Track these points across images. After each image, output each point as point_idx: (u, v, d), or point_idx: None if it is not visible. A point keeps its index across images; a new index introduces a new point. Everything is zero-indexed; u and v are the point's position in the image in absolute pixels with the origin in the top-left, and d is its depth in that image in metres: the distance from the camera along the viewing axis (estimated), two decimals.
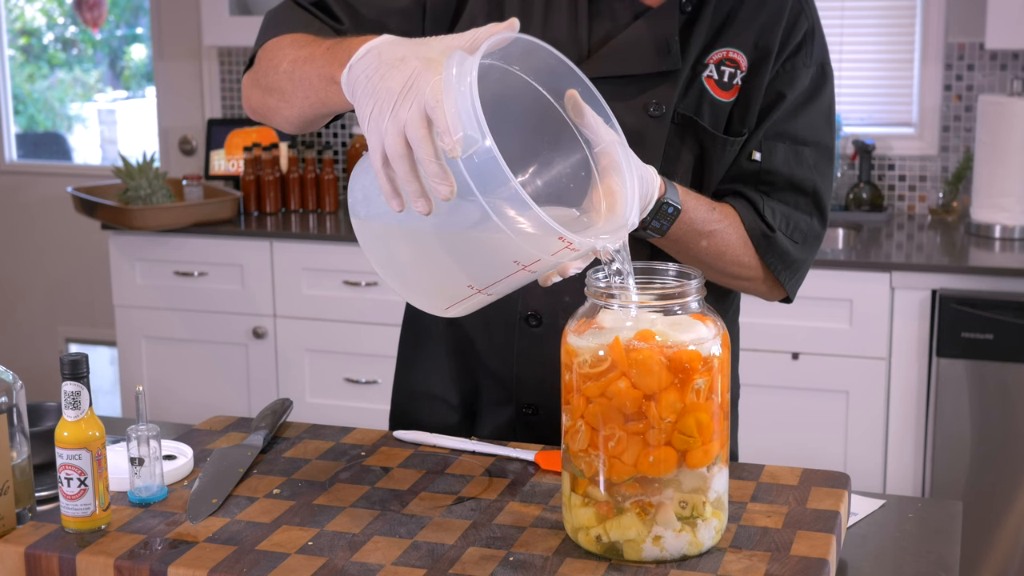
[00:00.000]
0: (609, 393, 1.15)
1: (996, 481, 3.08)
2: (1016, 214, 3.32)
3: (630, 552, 1.18)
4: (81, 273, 4.74)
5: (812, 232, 1.60)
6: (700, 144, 1.56)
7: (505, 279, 1.22)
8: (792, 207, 1.58)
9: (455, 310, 1.30)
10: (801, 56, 1.56)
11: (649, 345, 1.14)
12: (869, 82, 3.76)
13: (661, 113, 1.53)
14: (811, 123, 1.59)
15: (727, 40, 1.55)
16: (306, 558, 1.20)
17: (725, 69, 1.54)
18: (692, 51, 1.54)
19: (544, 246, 1.15)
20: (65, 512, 1.26)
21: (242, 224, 3.75)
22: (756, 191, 1.57)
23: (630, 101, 1.53)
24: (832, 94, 1.62)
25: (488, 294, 1.26)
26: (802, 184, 1.58)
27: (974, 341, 3.01)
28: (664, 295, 1.18)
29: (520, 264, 1.18)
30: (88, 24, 5.26)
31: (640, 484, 1.16)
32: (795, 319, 3.17)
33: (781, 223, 1.57)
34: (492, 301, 1.29)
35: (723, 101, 1.55)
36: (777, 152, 1.57)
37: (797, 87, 1.56)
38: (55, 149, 6.22)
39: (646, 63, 1.52)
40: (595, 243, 1.18)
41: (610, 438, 1.16)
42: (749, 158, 1.56)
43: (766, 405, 3.19)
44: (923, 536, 1.40)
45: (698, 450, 1.17)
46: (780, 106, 1.56)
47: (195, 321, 3.75)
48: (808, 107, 1.58)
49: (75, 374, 1.25)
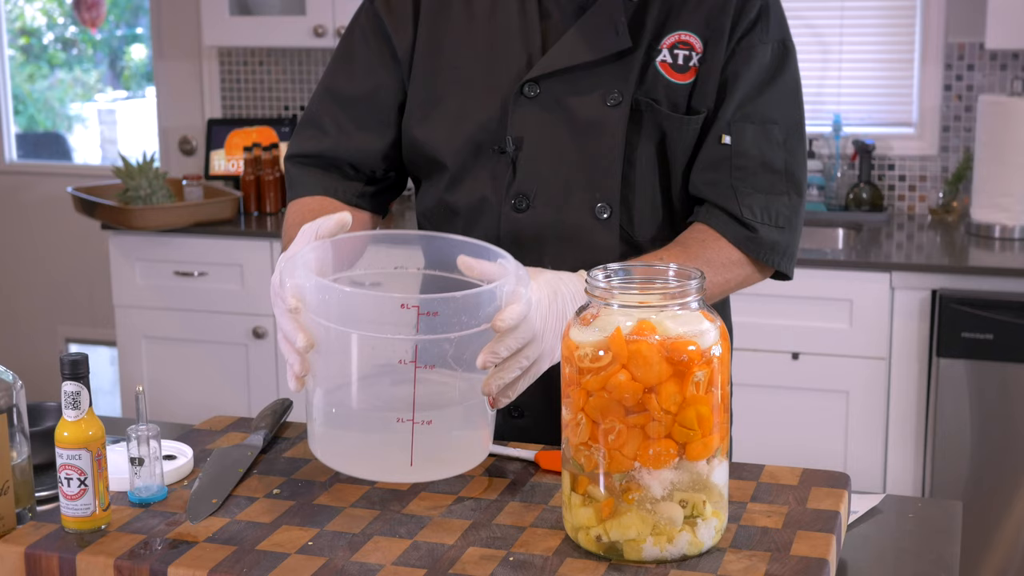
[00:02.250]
0: (609, 386, 1.15)
1: (996, 481, 3.08)
2: (1016, 214, 3.32)
3: (630, 552, 1.18)
4: (81, 273, 4.74)
5: (793, 211, 1.62)
6: (660, 128, 1.58)
7: (415, 394, 1.28)
8: (768, 191, 1.59)
9: (415, 471, 1.32)
10: (757, 33, 1.58)
11: (648, 337, 1.15)
12: (869, 82, 3.76)
13: (619, 102, 1.56)
14: (776, 101, 1.60)
15: (679, 23, 1.58)
16: (306, 558, 1.20)
17: (679, 52, 1.57)
18: (645, 36, 1.57)
19: (394, 319, 1.25)
20: (65, 512, 1.26)
21: (242, 224, 3.75)
22: (730, 186, 1.58)
23: (588, 94, 1.57)
24: (796, 70, 1.64)
25: (426, 422, 1.29)
26: (773, 163, 1.59)
27: (974, 341, 3.01)
28: (665, 294, 1.18)
29: (405, 360, 1.27)
30: (86, 24, 5.26)
31: (640, 478, 1.17)
32: (795, 319, 3.17)
33: (762, 216, 1.59)
34: (441, 441, 1.33)
35: (680, 83, 1.58)
36: (746, 134, 1.58)
37: (755, 65, 1.58)
38: (55, 149, 6.23)
39: (597, 48, 1.55)
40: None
41: (610, 431, 1.16)
42: (719, 142, 1.58)
43: (766, 405, 3.19)
44: (923, 536, 1.40)
45: (698, 443, 1.17)
46: (740, 85, 1.58)
47: (195, 321, 3.75)
48: (772, 85, 1.60)
49: (75, 374, 1.25)
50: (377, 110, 1.67)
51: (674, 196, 1.62)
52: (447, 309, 1.27)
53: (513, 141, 1.58)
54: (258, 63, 4.25)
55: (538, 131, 1.58)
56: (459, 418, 1.34)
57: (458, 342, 1.28)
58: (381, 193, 1.72)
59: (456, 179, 1.63)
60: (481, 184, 1.62)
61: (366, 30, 1.67)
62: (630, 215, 1.60)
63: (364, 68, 1.67)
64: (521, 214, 1.60)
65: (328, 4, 3.80)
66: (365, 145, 1.67)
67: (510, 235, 1.60)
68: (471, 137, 1.61)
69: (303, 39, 3.88)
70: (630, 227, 1.60)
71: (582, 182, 1.59)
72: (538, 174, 1.59)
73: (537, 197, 1.59)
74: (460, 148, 1.62)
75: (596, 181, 1.58)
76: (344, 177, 1.69)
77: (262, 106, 4.27)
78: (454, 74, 1.62)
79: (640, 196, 1.60)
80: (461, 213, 1.64)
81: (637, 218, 1.60)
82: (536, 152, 1.59)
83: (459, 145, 1.62)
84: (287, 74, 4.22)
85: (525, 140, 1.58)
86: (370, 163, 1.68)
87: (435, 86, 1.63)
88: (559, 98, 1.57)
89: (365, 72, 1.67)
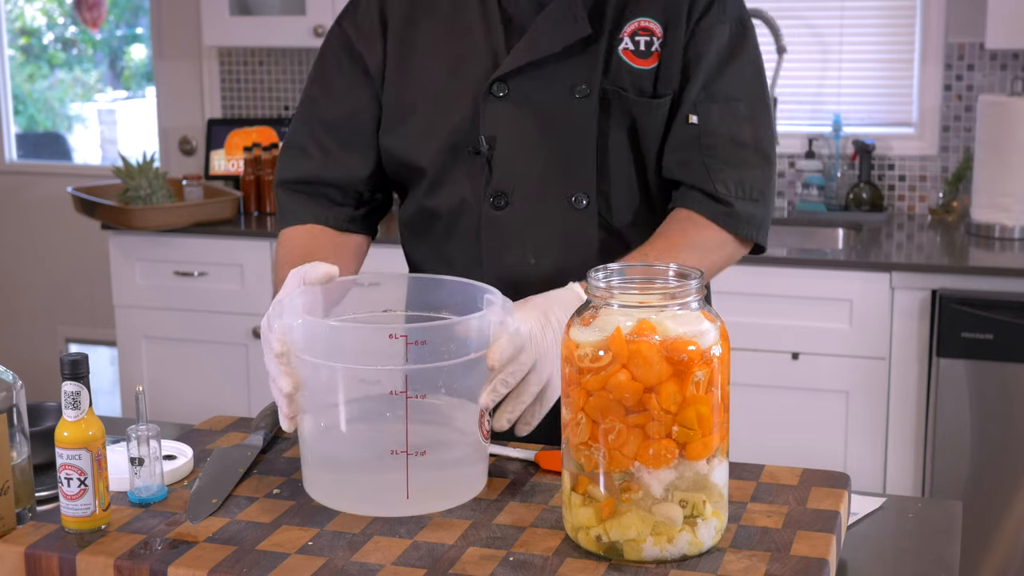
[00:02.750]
0: (609, 386, 1.15)
1: (996, 481, 3.07)
2: (1016, 214, 3.32)
3: (630, 552, 1.18)
4: (81, 273, 4.74)
5: (766, 183, 1.64)
6: (630, 115, 1.61)
7: (404, 429, 1.28)
8: (739, 166, 1.62)
9: (412, 504, 1.31)
10: (714, 14, 1.62)
11: (649, 337, 1.15)
12: (869, 82, 3.76)
13: (587, 94, 1.60)
14: (739, 77, 1.63)
15: (639, 10, 1.61)
16: (306, 558, 1.20)
17: (640, 39, 1.61)
18: (606, 24, 1.60)
19: (383, 351, 1.27)
20: (65, 512, 1.26)
21: (242, 224, 3.75)
22: (701, 164, 1.61)
23: (556, 88, 1.60)
24: (756, 46, 1.67)
25: (420, 453, 1.29)
26: (742, 138, 1.62)
27: (974, 341, 3.01)
28: (665, 294, 1.18)
29: (396, 391, 1.27)
30: (87, 24, 5.26)
31: (640, 478, 1.17)
32: (795, 319, 3.17)
33: (736, 190, 1.61)
34: (442, 479, 1.33)
35: (643, 69, 1.61)
36: (712, 113, 1.61)
37: (715, 45, 1.61)
38: (55, 149, 6.23)
39: (558, 40, 1.59)
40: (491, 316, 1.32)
41: (610, 431, 1.16)
42: (687, 123, 1.61)
43: (766, 405, 3.19)
44: (923, 536, 1.40)
45: (698, 442, 1.17)
46: (703, 66, 1.61)
47: (195, 321, 3.75)
48: (733, 63, 1.63)
49: (75, 374, 1.25)
50: (358, 131, 1.70)
51: (650, 179, 1.65)
52: (435, 337, 1.29)
53: (487, 141, 1.61)
54: (258, 63, 4.25)
55: (510, 129, 1.61)
56: (454, 449, 1.34)
57: (449, 371, 1.29)
58: (370, 215, 1.76)
59: (435, 183, 1.67)
60: (460, 186, 1.65)
61: (338, 52, 1.71)
62: (607, 202, 1.63)
63: (340, 90, 1.70)
64: (500, 211, 1.63)
65: (328, 4, 3.80)
66: (350, 167, 1.70)
67: (490, 232, 1.63)
68: (446, 141, 1.64)
69: (303, 39, 3.88)
70: (608, 214, 1.63)
71: (557, 175, 1.62)
72: (514, 171, 1.62)
73: (514, 193, 1.62)
74: (436, 153, 1.65)
75: (571, 173, 1.62)
76: (332, 203, 1.72)
77: (262, 106, 4.27)
78: (424, 82, 1.66)
79: (615, 183, 1.63)
80: (443, 216, 1.67)
81: (615, 205, 1.64)
82: (510, 150, 1.62)
83: (435, 150, 1.65)
84: (287, 74, 4.22)
85: (498, 139, 1.62)
86: (356, 184, 1.71)
87: (407, 95, 1.67)
88: (528, 95, 1.61)
89: (342, 94, 1.70)
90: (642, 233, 1.63)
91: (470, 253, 1.65)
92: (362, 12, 1.70)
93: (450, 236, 1.68)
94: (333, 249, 1.67)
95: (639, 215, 1.65)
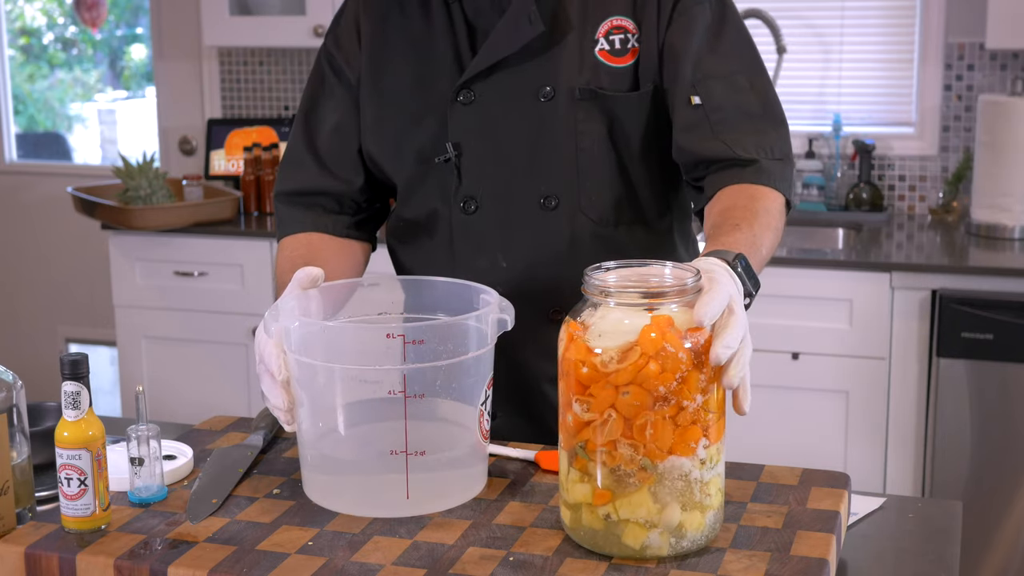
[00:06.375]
0: (639, 379, 1.16)
1: (996, 481, 3.07)
2: (1016, 214, 3.32)
3: (629, 537, 1.17)
4: (81, 273, 4.74)
5: (784, 142, 1.61)
6: (610, 113, 1.61)
7: (405, 432, 1.28)
8: (755, 133, 1.58)
9: (412, 504, 1.30)
10: (688, 0, 1.60)
11: (672, 329, 1.17)
12: (869, 82, 3.76)
13: (551, 96, 1.60)
14: (730, 51, 1.62)
15: (608, 9, 1.61)
16: (306, 558, 1.20)
17: (615, 37, 1.61)
18: (571, 24, 1.60)
19: (380, 351, 1.27)
20: (65, 512, 1.26)
21: (242, 224, 3.75)
22: (714, 138, 1.57)
23: (520, 92, 1.61)
24: (737, 17, 1.65)
25: (419, 453, 1.29)
26: (750, 108, 1.60)
27: (974, 341, 3.01)
28: (664, 292, 1.19)
29: (394, 391, 1.27)
30: (87, 24, 5.25)
31: (656, 466, 1.17)
32: (795, 319, 3.17)
33: (757, 151, 1.57)
34: (443, 476, 1.33)
35: (621, 67, 1.61)
36: (714, 90, 1.59)
37: (699, 27, 1.60)
38: (55, 149, 6.23)
39: (514, 40, 1.59)
40: None
41: (644, 425, 1.17)
42: (689, 105, 1.59)
43: (766, 405, 3.19)
44: (923, 536, 1.40)
45: (717, 425, 1.21)
46: (691, 48, 1.59)
47: (195, 321, 3.75)
48: (721, 39, 1.62)
49: (75, 374, 1.25)
50: (349, 145, 1.72)
51: (632, 174, 1.64)
52: (433, 336, 1.29)
53: (454, 147, 1.63)
54: (258, 63, 4.25)
55: (477, 133, 1.62)
56: (453, 448, 1.34)
57: (447, 370, 1.29)
58: (368, 222, 1.78)
59: (408, 194, 1.70)
60: (431, 196, 1.67)
61: (324, 70, 1.74)
62: (589, 199, 1.63)
63: (329, 105, 1.73)
64: (471, 216, 1.64)
65: (328, 4, 3.80)
66: (345, 178, 1.73)
67: (463, 237, 1.65)
68: (414, 151, 1.66)
69: (303, 39, 3.88)
70: (591, 211, 1.63)
71: (526, 177, 1.63)
72: (482, 175, 1.63)
73: (484, 197, 1.64)
74: (407, 164, 1.68)
75: (540, 175, 1.62)
76: (330, 212, 1.73)
77: (262, 106, 4.27)
78: (394, 94, 1.68)
79: (593, 180, 1.63)
80: (419, 224, 1.70)
81: (596, 201, 1.63)
82: (478, 155, 1.63)
83: (406, 161, 1.68)
84: (287, 74, 4.23)
85: (466, 144, 1.63)
86: (353, 195, 1.73)
87: (380, 109, 1.69)
88: (493, 99, 1.61)
89: (330, 108, 1.73)
90: (631, 231, 1.63)
91: (445, 258, 1.67)
92: (342, 28, 1.73)
93: (428, 242, 1.70)
94: (334, 253, 1.68)
95: (621, 211, 1.64)
